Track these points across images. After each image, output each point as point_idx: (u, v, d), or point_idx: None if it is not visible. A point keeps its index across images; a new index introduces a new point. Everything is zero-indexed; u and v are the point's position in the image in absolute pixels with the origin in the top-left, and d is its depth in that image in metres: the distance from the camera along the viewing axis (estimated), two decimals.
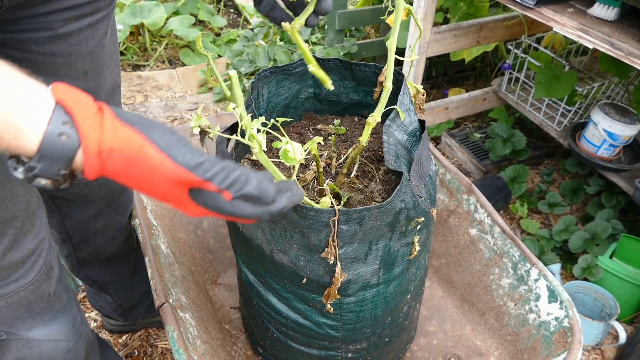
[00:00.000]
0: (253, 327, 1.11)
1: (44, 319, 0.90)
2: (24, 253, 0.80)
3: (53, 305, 0.91)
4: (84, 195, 1.04)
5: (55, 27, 0.78)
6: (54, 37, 0.78)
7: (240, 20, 3.32)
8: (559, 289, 1.03)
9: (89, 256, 1.20)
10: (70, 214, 1.08)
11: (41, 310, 0.88)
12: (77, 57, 0.84)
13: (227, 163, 0.51)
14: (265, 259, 0.88)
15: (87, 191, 1.03)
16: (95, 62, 0.87)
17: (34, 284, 0.83)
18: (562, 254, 1.83)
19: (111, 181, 1.09)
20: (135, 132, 0.49)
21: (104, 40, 0.88)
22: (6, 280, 0.79)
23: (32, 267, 0.82)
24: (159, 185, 0.50)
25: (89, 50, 0.85)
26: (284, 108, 1.05)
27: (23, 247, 0.80)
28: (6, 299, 0.80)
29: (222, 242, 1.42)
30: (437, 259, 1.34)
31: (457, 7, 2.03)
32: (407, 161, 0.84)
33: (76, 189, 1.00)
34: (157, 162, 0.49)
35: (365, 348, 1.01)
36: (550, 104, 1.95)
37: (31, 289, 0.83)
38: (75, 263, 1.21)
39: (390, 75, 0.79)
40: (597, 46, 1.32)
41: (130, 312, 1.44)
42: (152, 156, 0.48)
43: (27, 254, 0.80)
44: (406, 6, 0.77)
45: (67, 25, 0.79)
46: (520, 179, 2.02)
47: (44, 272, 0.85)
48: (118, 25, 2.62)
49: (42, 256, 0.84)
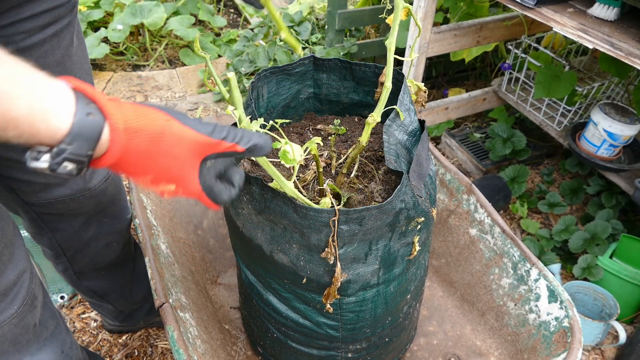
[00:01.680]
0: (253, 327, 1.11)
1: (30, 350, 0.88)
2: (5, 285, 0.77)
3: (40, 335, 0.89)
4: (72, 209, 1.01)
5: (16, 41, 0.74)
6: (17, 52, 0.73)
7: (240, 20, 3.32)
8: (559, 289, 1.03)
9: (87, 267, 1.17)
10: (59, 228, 1.06)
11: (27, 342, 0.86)
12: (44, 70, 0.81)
13: (230, 127, 0.59)
14: (265, 259, 0.88)
15: (75, 205, 1.01)
16: (65, 73, 0.83)
17: (18, 316, 0.81)
18: (562, 254, 1.83)
19: (100, 194, 1.06)
20: (157, 110, 0.54)
21: (70, 50, 0.84)
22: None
23: (14, 299, 0.80)
24: (179, 157, 0.55)
25: (56, 62, 0.81)
26: (283, 108, 1.05)
27: (3, 279, 0.77)
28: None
29: (222, 242, 1.41)
30: (437, 259, 1.34)
31: (457, 7, 2.03)
32: (407, 161, 0.84)
33: (64, 204, 0.98)
34: (182, 133, 0.54)
35: (365, 348, 1.01)
36: (550, 104, 1.95)
37: (15, 322, 0.81)
38: (73, 277, 1.19)
39: (390, 75, 0.79)
40: (597, 46, 1.32)
41: (132, 316, 1.44)
42: (177, 128, 0.54)
43: (8, 285, 0.78)
44: (406, 6, 0.77)
45: (30, 38, 0.75)
46: (520, 179, 2.02)
47: (28, 302, 0.83)
48: (118, 25, 2.62)
49: (24, 287, 0.81)
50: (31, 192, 0.94)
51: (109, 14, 2.89)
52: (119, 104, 0.51)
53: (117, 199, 1.10)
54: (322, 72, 1.03)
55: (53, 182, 0.93)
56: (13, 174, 0.89)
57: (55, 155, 0.47)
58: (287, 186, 0.74)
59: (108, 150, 0.50)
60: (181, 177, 0.57)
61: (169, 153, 0.54)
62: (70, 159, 0.48)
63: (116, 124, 0.49)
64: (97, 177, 1.00)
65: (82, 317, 1.57)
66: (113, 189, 1.07)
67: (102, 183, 1.02)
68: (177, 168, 0.56)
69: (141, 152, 0.52)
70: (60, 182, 0.94)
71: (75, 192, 0.97)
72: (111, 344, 1.51)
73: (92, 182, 0.99)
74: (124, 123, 0.50)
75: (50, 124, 0.46)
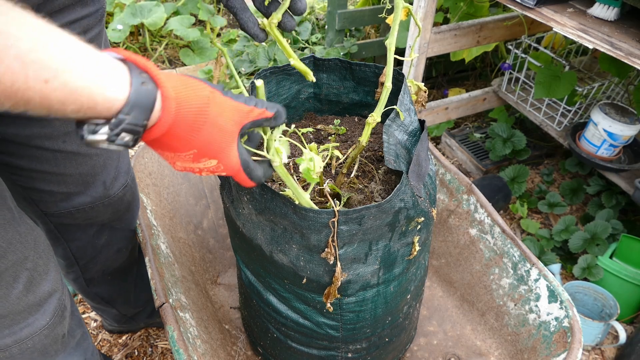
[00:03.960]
0: (253, 327, 1.11)
1: (57, 359, 0.88)
2: (40, 296, 0.78)
3: (67, 344, 0.89)
4: (90, 218, 1.01)
5: None
6: None
7: None
8: (559, 289, 1.03)
9: (97, 274, 1.17)
10: (75, 238, 1.05)
11: (55, 352, 0.86)
12: None
13: (254, 98, 0.62)
14: (265, 259, 0.88)
15: (94, 214, 1.00)
16: None
17: (49, 327, 0.81)
18: (562, 254, 1.83)
19: (118, 201, 1.06)
20: (200, 81, 0.54)
21: None
22: (19, 324, 0.77)
23: (47, 311, 0.80)
24: (223, 128, 0.56)
25: None
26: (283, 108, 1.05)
27: (39, 289, 0.78)
28: (20, 346, 0.78)
29: (222, 242, 1.41)
30: (437, 259, 1.34)
31: (457, 7, 2.03)
32: (406, 161, 0.84)
33: (83, 213, 0.98)
34: (225, 103, 0.56)
35: (365, 348, 1.01)
36: (550, 104, 1.95)
37: (46, 333, 0.81)
38: (83, 285, 1.18)
39: (390, 75, 0.79)
40: (597, 46, 1.32)
41: (134, 319, 1.44)
42: (220, 98, 0.56)
43: (43, 296, 0.79)
44: (406, 6, 0.77)
45: None
46: (520, 179, 2.02)
47: (58, 314, 0.83)
48: (118, 25, 2.61)
49: (56, 298, 0.82)
50: (52, 202, 0.93)
51: (109, 14, 2.89)
52: (167, 74, 0.51)
53: (132, 206, 1.10)
54: (322, 72, 1.03)
55: (74, 191, 0.93)
56: (36, 185, 0.88)
57: (114, 126, 0.46)
58: (304, 198, 0.73)
59: (159, 119, 0.49)
60: (223, 150, 0.57)
61: (214, 124, 0.54)
62: (128, 130, 0.47)
63: (168, 93, 0.49)
64: (117, 185, 1.00)
65: (82, 317, 1.57)
66: (130, 196, 1.06)
67: (121, 190, 1.01)
68: (220, 140, 0.56)
69: (189, 122, 0.52)
70: (81, 190, 0.94)
71: (95, 200, 0.97)
72: (111, 344, 1.51)
73: (113, 189, 0.99)
74: (175, 92, 0.50)
75: (108, 95, 0.45)
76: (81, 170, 0.90)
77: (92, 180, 0.94)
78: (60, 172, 0.88)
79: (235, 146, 0.59)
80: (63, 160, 0.86)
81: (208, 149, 0.56)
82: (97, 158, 0.92)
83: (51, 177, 0.88)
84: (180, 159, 0.56)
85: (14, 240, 0.72)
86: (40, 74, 0.40)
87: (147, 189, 1.24)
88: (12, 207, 0.74)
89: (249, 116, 0.59)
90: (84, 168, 0.91)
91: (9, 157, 0.82)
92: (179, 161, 0.56)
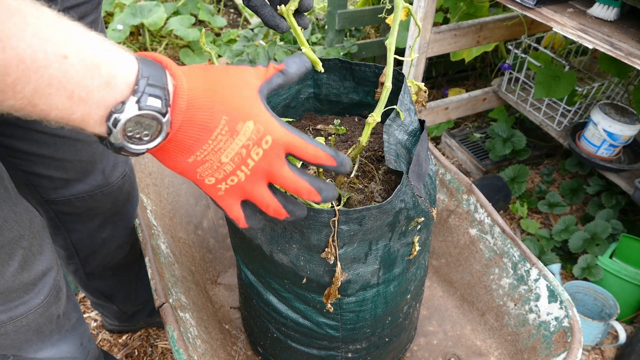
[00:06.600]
0: (253, 327, 1.11)
1: (52, 340, 0.89)
2: (35, 275, 0.79)
3: (62, 326, 0.90)
4: (90, 208, 1.03)
5: None
6: None
7: (240, 20, 3.32)
8: (559, 289, 1.03)
9: (97, 268, 1.18)
10: (76, 229, 1.06)
11: (50, 332, 0.87)
12: None
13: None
14: (265, 259, 0.88)
15: (94, 204, 1.02)
16: None
17: (44, 306, 0.82)
18: (562, 254, 1.83)
19: (117, 191, 1.08)
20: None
21: None
22: (14, 302, 0.78)
23: (42, 290, 0.81)
24: (239, 87, 0.55)
25: None
26: (283, 108, 1.05)
27: (34, 268, 0.79)
28: (15, 323, 0.79)
29: (222, 242, 1.41)
30: (437, 259, 1.34)
31: (457, 7, 2.03)
32: (407, 161, 0.84)
33: (82, 202, 0.99)
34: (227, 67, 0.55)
35: (365, 348, 1.01)
36: (550, 104, 1.95)
37: (40, 312, 0.82)
38: (83, 278, 1.19)
39: (390, 75, 0.79)
40: (597, 46, 1.32)
41: (134, 317, 1.44)
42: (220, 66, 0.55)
43: (38, 275, 0.80)
44: (406, 6, 0.77)
45: None
46: (520, 179, 2.02)
47: (53, 294, 0.84)
48: (118, 25, 2.61)
49: (51, 278, 0.83)
50: (51, 188, 0.95)
51: (109, 14, 2.89)
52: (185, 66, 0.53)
53: (131, 197, 1.11)
54: (322, 72, 1.03)
55: (73, 178, 0.94)
56: (35, 169, 0.90)
57: (137, 91, 0.45)
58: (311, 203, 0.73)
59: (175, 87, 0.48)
60: (253, 106, 0.52)
61: (227, 84, 0.52)
62: (152, 94, 0.46)
63: (171, 65, 0.49)
64: (116, 174, 1.02)
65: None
66: (129, 186, 1.08)
67: (120, 179, 1.03)
68: (242, 102, 0.52)
69: (205, 87, 0.50)
70: (80, 178, 0.95)
71: (95, 189, 0.99)
72: (111, 343, 1.51)
73: (112, 178, 1.01)
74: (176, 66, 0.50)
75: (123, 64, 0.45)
76: (80, 157, 0.92)
77: (91, 168, 0.95)
78: (59, 157, 0.89)
79: (263, 106, 0.54)
80: (62, 146, 0.88)
81: (238, 111, 0.51)
82: (97, 146, 0.93)
83: (50, 161, 0.89)
84: (220, 149, 0.50)
85: (9, 218, 0.73)
86: (59, 50, 0.40)
87: (147, 189, 1.25)
88: (9, 187, 0.75)
89: (267, 73, 0.56)
90: (83, 155, 0.92)
91: (8, 139, 0.84)
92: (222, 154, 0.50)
